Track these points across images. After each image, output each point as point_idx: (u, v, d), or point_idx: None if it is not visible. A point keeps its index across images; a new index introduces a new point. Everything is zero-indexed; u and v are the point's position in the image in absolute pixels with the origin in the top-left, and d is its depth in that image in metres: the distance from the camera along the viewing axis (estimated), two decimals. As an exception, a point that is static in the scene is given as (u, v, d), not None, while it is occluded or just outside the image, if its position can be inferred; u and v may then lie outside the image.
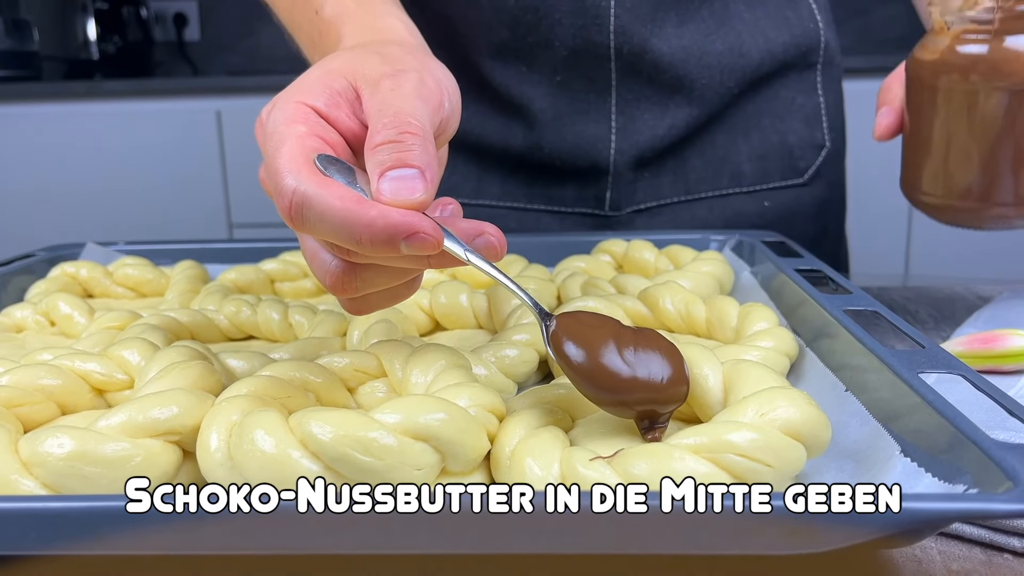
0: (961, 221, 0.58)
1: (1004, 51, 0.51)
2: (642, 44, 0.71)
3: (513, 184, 0.80)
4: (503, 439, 0.36)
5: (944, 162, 0.56)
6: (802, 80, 0.79)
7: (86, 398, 0.42)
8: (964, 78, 0.53)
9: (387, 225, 0.32)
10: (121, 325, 0.53)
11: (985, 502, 0.27)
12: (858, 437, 0.37)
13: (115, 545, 0.28)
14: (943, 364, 0.38)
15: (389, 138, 0.35)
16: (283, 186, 0.33)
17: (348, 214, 0.32)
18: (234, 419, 0.35)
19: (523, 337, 0.49)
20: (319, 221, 0.33)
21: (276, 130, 0.36)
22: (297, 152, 0.34)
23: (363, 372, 0.43)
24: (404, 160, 0.34)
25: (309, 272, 0.67)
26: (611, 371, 0.36)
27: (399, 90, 0.37)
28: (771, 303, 0.55)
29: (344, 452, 0.32)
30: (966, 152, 0.54)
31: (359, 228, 0.32)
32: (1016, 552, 0.35)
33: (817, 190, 0.81)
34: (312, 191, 0.33)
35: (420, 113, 0.36)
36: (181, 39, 2.39)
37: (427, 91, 0.38)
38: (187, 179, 1.90)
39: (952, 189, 0.56)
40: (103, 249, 0.72)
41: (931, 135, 0.56)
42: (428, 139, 0.35)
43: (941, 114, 0.55)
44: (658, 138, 0.75)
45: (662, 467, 0.31)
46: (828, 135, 0.81)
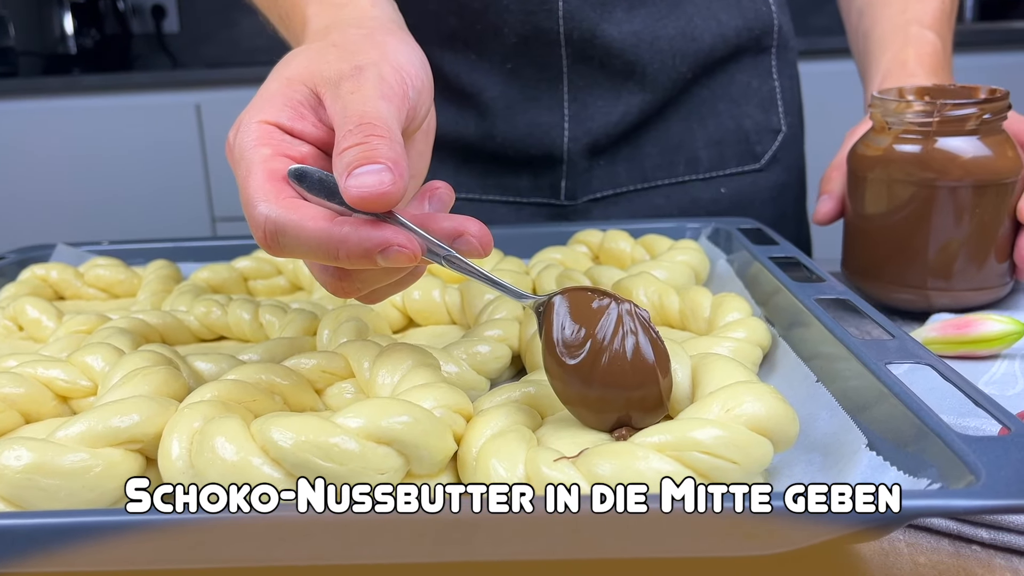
0: (903, 303, 0.61)
1: (937, 151, 0.56)
2: (592, 29, 0.71)
3: (467, 175, 0.79)
4: (469, 440, 0.36)
5: (882, 248, 0.60)
6: (757, 64, 0.79)
7: (50, 406, 0.42)
8: (904, 172, 0.57)
9: (359, 240, 0.33)
10: (89, 329, 0.52)
11: (947, 498, 0.27)
12: (828, 429, 0.37)
13: (69, 561, 0.28)
14: (912, 354, 0.38)
15: (354, 142, 0.34)
16: (255, 215, 0.34)
17: (321, 234, 0.33)
18: (196, 426, 0.34)
19: (496, 332, 0.49)
20: (295, 245, 0.34)
21: (243, 156, 0.36)
22: (264, 178, 0.35)
23: (330, 373, 0.43)
24: (370, 158, 0.33)
25: (283, 269, 0.66)
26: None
27: (360, 92, 0.36)
28: (746, 292, 0.55)
29: (305, 458, 0.31)
30: (903, 239, 0.58)
31: (333, 246, 0.33)
32: (984, 543, 0.35)
33: (774, 175, 0.80)
34: (283, 217, 0.33)
35: (383, 113, 0.36)
36: (160, 31, 2.36)
37: (388, 87, 0.37)
38: (168, 174, 1.89)
39: (893, 273, 0.60)
40: (74, 250, 0.72)
41: (870, 222, 0.60)
42: (394, 137, 0.35)
43: (881, 204, 0.59)
44: (612, 124, 0.74)
45: (626, 467, 0.31)
46: (784, 119, 0.80)
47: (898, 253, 0.59)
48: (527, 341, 0.48)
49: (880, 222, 0.59)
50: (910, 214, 0.57)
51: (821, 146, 1.82)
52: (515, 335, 0.49)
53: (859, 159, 0.60)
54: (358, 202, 0.33)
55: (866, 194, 0.60)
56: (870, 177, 0.59)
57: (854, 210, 0.62)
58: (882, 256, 0.60)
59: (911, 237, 0.58)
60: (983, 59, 1.74)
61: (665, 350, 0.37)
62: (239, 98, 1.87)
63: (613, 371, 0.36)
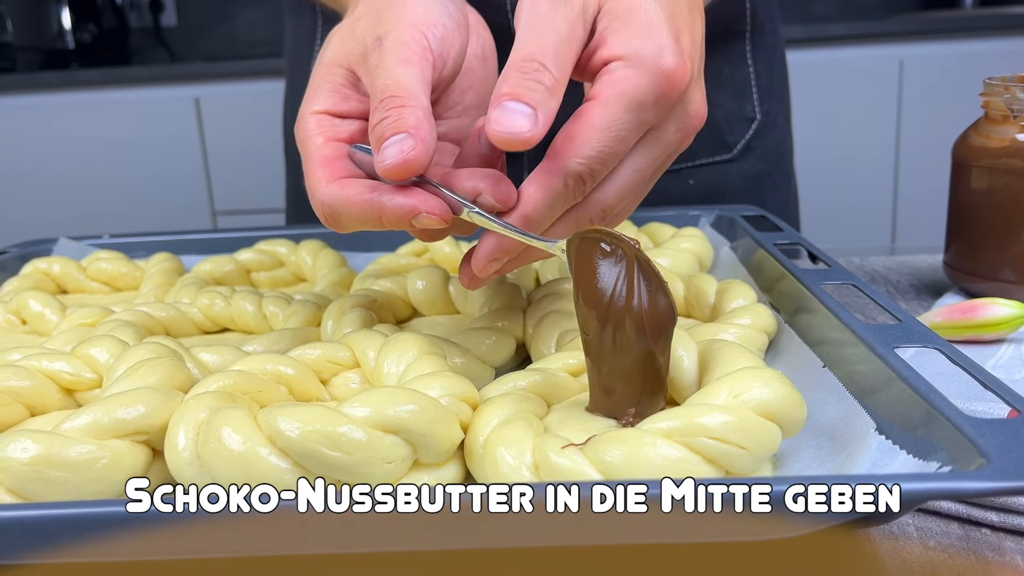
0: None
1: None
2: None
3: None
4: (476, 428, 0.36)
5: (1002, 240, 0.58)
6: (728, 51, 0.76)
7: (55, 399, 0.42)
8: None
9: (394, 208, 0.37)
10: (93, 322, 0.52)
11: (958, 480, 0.27)
12: (835, 414, 0.37)
13: (76, 553, 0.28)
14: (919, 338, 0.38)
15: (379, 117, 0.37)
16: (314, 203, 0.39)
17: (364, 206, 0.38)
18: (202, 417, 0.34)
19: (500, 322, 0.49)
20: (349, 219, 0.38)
21: (302, 148, 0.41)
22: (318, 166, 0.40)
23: (336, 363, 0.43)
24: (394, 127, 0.37)
25: (285, 261, 0.66)
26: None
27: (382, 64, 0.39)
28: (750, 279, 0.55)
29: (312, 448, 0.31)
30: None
31: (375, 215, 0.38)
32: (994, 526, 0.34)
33: (748, 164, 0.78)
34: (334, 197, 0.38)
35: (403, 80, 0.38)
36: (157, 25, 2.35)
37: (407, 49, 0.39)
38: (168, 168, 1.88)
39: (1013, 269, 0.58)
40: (76, 244, 0.71)
41: (989, 216, 0.59)
42: (416, 102, 0.37)
43: (1009, 196, 0.57)
44: (567, 117, 0.72)
45: (635, 453, 0.31)
46: (759, 107, 0.78)
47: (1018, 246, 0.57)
48: (531, 330, 0.48)
49: (999, 212, 0.58)
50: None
51: (819, 131, 1.81)
52: (519, 324, 0.49)
53: (975, 151, 0.59)
54: (388, 174, 0.37)
55: (982, 185, 0.58)
56: (996, 167, 0.57)
57: (969, 203, 0.60)
58: (1010, 255, 0.58)
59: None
60: (983, 45, 1.73)
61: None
62: (238, 91, 1.88)
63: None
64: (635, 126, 0.37)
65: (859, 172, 1.80)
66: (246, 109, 1.82)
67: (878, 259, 0.73)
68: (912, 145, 1.78)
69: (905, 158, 1.79)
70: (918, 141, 1.77)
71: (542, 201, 0.38)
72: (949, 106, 1.55)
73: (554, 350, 0.45)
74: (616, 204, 0.40)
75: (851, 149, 1.78)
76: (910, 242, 1.83)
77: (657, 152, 0.40)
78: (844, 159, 1.78)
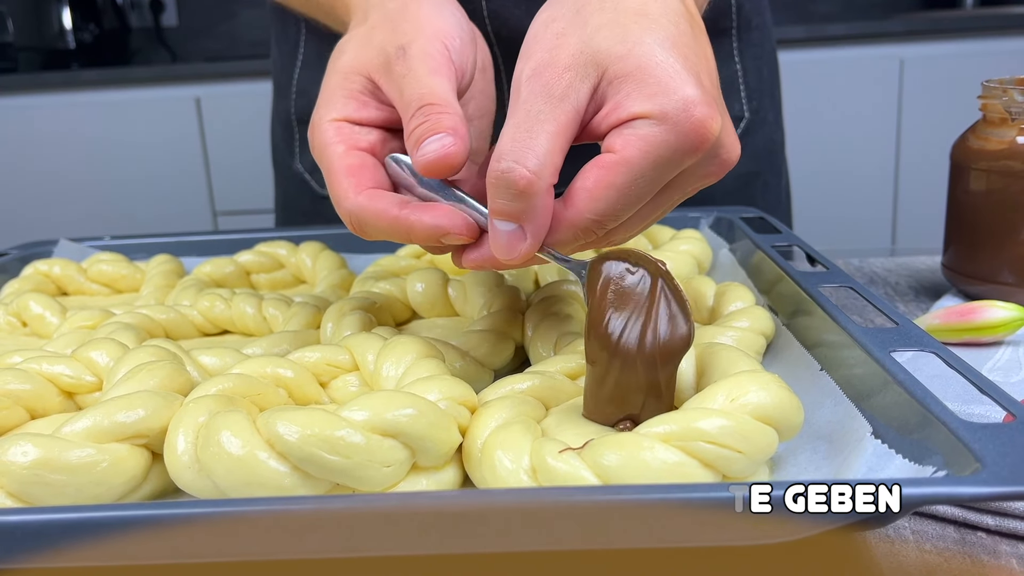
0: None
1: None
2: (518, 26, 0.67)
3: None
4: (475, 432, 0.36)
5: (1001, 242, 0.58)
6: (715, 48, 0.76)
7: (55, 401, 0.42)
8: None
9: (423, 228, 0.37)
10: (93, 324, 0.53)
11: (953, 485, 0.27)
12: (832, 417, 0.37)
13: (77, 557, 0.28)
14: (916, 342, 0.38)
15: (418, 122, 0.38)
16: (342, 209, 0.39)
17: (395, 223, 0.38)
18: (201, 420, 0.34)
19: (499, 325, 0.49)
20: (376, 231, 0.39)
21: (322, 156, 0.41)
22: (343, 175, 0.40)
23: (335, 366, 0.43)
24: (434, 129, 0.38)
25: (285, 263, 0.66)
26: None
27: (411, 74, 0.40)
28: (749, 281, 0.55)
29: (311, 452, 0.32)
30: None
31: (404, 232, 0.38)
32: (989, 530, 0.35)
33: (738, 164, 0.77)
34: (362, 209, 0.38)
35: (437, 89, 0.39)
36: (158, 25, 2.36)
37: (433, 61, 0.40)
38: (169, 168, 1.89)
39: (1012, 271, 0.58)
40: (77, 245, 0.72)
41: (988, 218, 0.59)
42: (452, 109, 0.38)
43: (1007, 198, 0.57)
44: None
45: (632, 457, 0.31)
46: (747, 105, 0.77)
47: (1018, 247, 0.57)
48: (530, 332, 0.48)
49: (998, 214, 0.58)
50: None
51: (819, 131, 1.81)
52: (518, 326, 0.49)
53: (973, 153, 0.59)
54: (426, 168, 0.37)
55: (980, 187, 0.58)
56: (993, 169, 0.57)
57: (968, 204, 0.60)
58: (1008, 257, 0.58)
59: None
60: (983, 45, 1.73)
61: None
62: (238, 92, 1.88)
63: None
64: (659, 182, 0.36)
65: (859, 172, 1.80)
66: (247, 109, 1.82)
67: (877, 261, 0.73)
68: (912, 145, 1.78)
69: (905, 158, 1.79)
70: (918, 141, 1.77)
71: (553, 241, 0.37)
72: (949, 106, 1.55)
73: (553, 353, 0.45)
74: (629, 237, 0.40)
75: (851, 149, 1.78)
76: (911, 243, 1.83)
77: (679, 195, 0.39)
78: (844, 159, 1.78)
